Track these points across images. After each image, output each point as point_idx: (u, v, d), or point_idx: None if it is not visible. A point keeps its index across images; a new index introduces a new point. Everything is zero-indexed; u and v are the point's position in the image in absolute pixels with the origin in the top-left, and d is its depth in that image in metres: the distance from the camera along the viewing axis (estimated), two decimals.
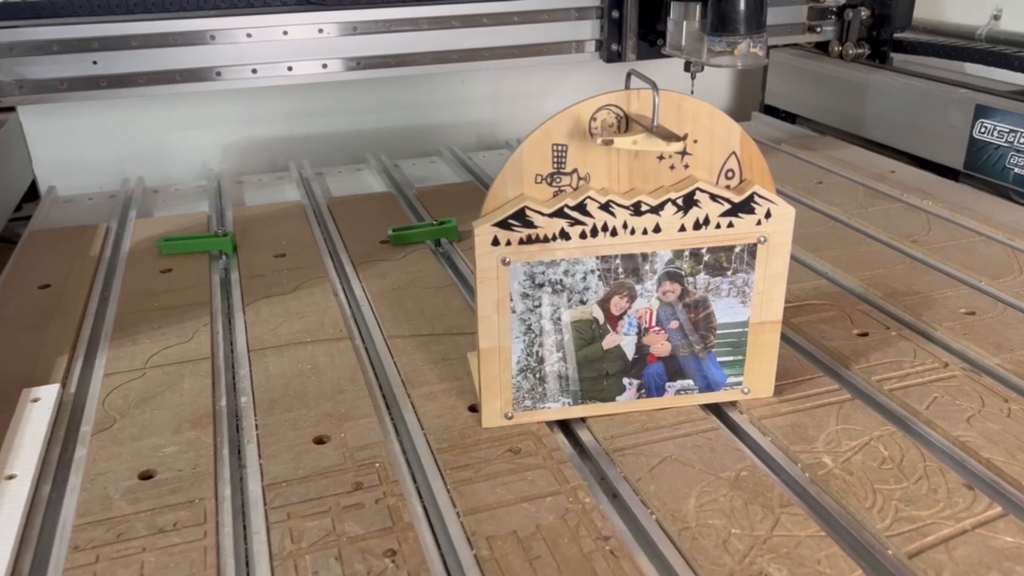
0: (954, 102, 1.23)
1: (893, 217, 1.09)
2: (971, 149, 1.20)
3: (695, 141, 0.62)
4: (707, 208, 0.63)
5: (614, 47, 1.38)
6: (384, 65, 1.30)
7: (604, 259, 0.64)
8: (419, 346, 0.80)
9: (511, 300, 0.64)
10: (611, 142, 0.58)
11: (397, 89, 1.48)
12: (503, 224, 0.61)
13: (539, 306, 0.64)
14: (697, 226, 0.64)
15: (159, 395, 0.73)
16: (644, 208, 0.63)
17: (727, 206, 0.63)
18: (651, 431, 0.67)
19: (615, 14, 1.35)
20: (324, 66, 1.27)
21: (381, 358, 0.79)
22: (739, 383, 0.70)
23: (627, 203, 0.62)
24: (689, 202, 0.63)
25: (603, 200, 0.62)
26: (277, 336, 0.82)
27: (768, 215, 0.64)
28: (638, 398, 0.69)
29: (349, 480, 0.62)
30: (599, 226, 0.63)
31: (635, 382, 0.68)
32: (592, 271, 0.64)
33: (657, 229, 0.63)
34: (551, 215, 0.62)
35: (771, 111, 1.64)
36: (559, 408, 0.68)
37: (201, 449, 0.66)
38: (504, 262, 0.62)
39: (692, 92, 1.34)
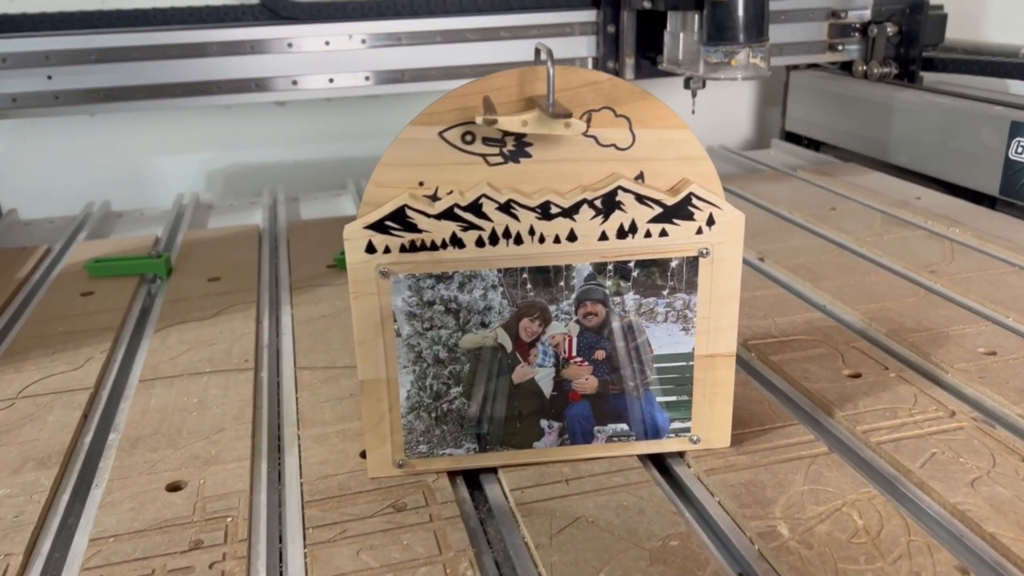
0: (987, 120, 1.09)
1: (912, 245, 0.95)
2: (1007, 172, 1.06)
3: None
4: (633, 212, 0.51)
5: (611, 64, 1.27)
6: (360, 83, 1.22)
7: (508, 272, 0.52)
8: (329, 379, 0.69)
9: (395, 321, 0.53)
10: (494, 122, 0.47)
11: (386, 114, 1.40)
12: (379, 227, 0.51)
13: (430, 329, 0.53)
14: (622, 234, 0.52)
15: (16, 429, 0.63)
16: (554, 210, 0.51)
17: (658, 210, 0.51)
18: (572, 484, 0.55)
19: (611, 29, 1.25)
20: (294, 82, 1.19)
21: (283, 392, 0.69)
22: (686, 430, 0.57)
23: (532, 204, 0.51)
24: (610, 204, 0.51)
25: (502, 199, 0.51)
26: (175, 365, 0.72)
27: (711, 222, 0.52)
28: (560, 444, 0.57)
29: (189, 537, 0.51)
30: (499, 231, 0.51)
31: (556, 425, 0.56)
32: (494, 287, 0.52)
33: (572, 237, 0.52)
34: (438, 216, 0.51)
35: (793, 139, 1.51)
36: (463, 455, 0.56)
37: (35, 494, 0.56)
38: (383, 274, 0.51)
39: (693, 112, 1.23)
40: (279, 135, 1.37)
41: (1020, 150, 1.03)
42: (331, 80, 1.20)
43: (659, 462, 0.58)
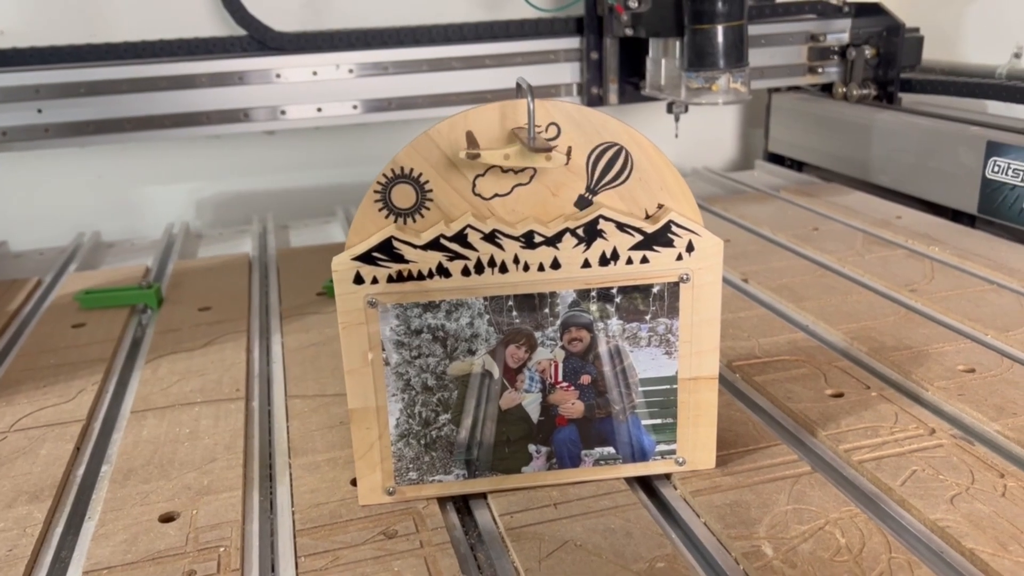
0: (964, 140, 1.11)
1: (892, 265, 0.96)
2: (985, 191, 1.08)
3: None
4: (614, 240, 0.53)
5: (595, 90, 1.29)
6: (348, 112, 1.23)
7: (494, 300, 0.53)
8: (319, 407, 0.70)
9: (383, 350, 0.54)
10: (477, 156, 0.48)
11: (374, 142, 1.41)
12: (366, 258, 0.52)
13: (418, 357, 0.54)
14: (604, 261, 0.53)
15: (9, 463, 0.64)
16: (537, 239, 0.52)
17: (638, 237, 0.53)
18: (560, 508, 0.55)
19: (594, 56, 1.27)
20: (283, 112, 1.21)
21: (273, 421, 0.69)
22: (672, 452, 0.58)
23: (516, 233, 0.52)
24: (592, 233, 0.52)
25: (487, 230, 0.52)
26: (166, 396, 0.73)
27: (690, 248, 0.53)
28: (548, 469, 0.57)
29: (182, 568, 0.51)
30: (484, 261, 0.52)
31: (544, 449, 0.57)
32: (480, 315, 0.54)
33: (556, 265, 0.53)
34: (424, 247, 0.52)
35: (776, 160, 1.54)
36: (452, 481, 0.57)
37: (29, 527, 0.56)
38: (371, 304, 0.52)
39: (676, 135, 1.25)
40: (268, 164, 1.38)
41: (997, 169, 1.06)
42: (319, 109, 1.22)
43: (646, 484, 0.59)
